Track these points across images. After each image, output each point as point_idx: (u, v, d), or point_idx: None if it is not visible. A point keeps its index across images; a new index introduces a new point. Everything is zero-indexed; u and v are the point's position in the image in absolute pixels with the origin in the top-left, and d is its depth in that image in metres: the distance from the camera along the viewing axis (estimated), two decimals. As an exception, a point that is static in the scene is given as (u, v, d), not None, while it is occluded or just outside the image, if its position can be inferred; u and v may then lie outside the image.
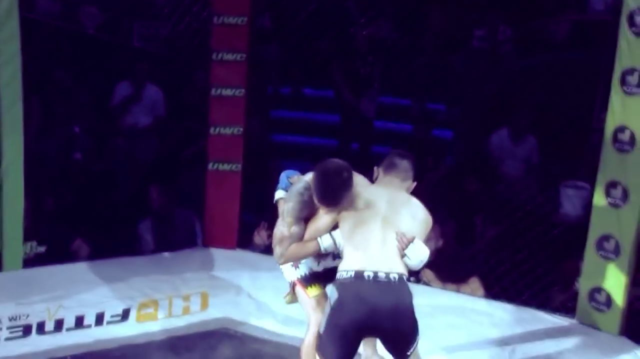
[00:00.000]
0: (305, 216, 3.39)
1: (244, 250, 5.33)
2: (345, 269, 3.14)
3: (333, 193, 3.25)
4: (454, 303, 4.76)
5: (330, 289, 3.19)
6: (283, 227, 3.41)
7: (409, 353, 3.14)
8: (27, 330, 4.17)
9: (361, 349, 3.50)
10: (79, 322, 4.30)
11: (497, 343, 4.29)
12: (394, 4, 6.43)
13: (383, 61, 6.39)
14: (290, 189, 3.46)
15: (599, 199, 4.47)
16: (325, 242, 3.33)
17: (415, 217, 3.27)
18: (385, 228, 3.19)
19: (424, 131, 6.54)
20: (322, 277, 3.54)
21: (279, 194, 3.56)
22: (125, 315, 4.41)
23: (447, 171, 6.15)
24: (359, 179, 3.41)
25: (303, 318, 3.58)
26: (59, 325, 4.24)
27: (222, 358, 4.04)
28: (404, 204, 3.29)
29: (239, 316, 4.46)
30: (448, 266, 4.94)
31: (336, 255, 3.43)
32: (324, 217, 3.35)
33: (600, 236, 4.48)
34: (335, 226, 3.33)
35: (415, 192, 3.45)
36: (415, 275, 4.89)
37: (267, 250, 4.74)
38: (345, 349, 3.14)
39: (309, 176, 3.40)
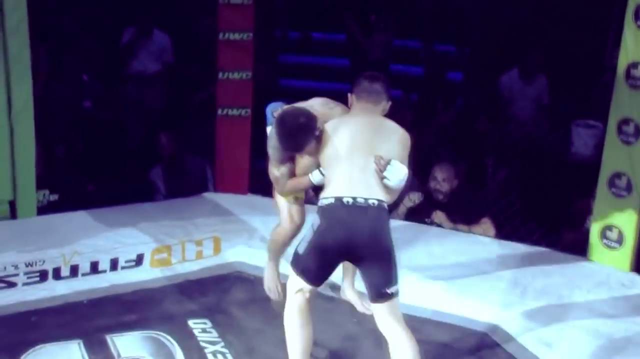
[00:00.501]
0: (289, 155, 3.46)
1: (255, 195, 5.31)
2: (326, 196, 3.19)
3: (291, 139, 3.28)
4: (466, 244, 4.74)
5: (314, 216, 3.22)
6: (272, 168, 3.53)
7: (387, 291, 3.11)
8: (43, 276, 4.18)
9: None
10: (94, 267, 4.31)
11: (509, 282, 4.28)
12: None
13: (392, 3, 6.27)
14: (269, 132, 3.49)
15: (611, 136, 4.41)
16: (315, 177, 3.43)
17: (391, 139, 3.28)
18: (363, 155, 3.21)
19: (435, 73, 6.46)
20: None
21: (268, 130, 3.56)
22: (139, 260, 4.41)
23: (457, 113, 6.08)
24: (337, 110, 3.46)
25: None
26: (74, 271, 4.25)
27: (235, 301, 4.05)
28: (379, 129, 3.30)
29: (251, 259, 4.45)
30: (459, 206, 4.92)
31: None
32: (304, 158, 3.45)
33: (612, 174, 4.43)
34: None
35: (426, 134, 3.41)
36: (427, 216, 4.89)
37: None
38: (324, 269, 3.21)
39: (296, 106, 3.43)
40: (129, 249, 4.50)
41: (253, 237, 4.72)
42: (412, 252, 4.50)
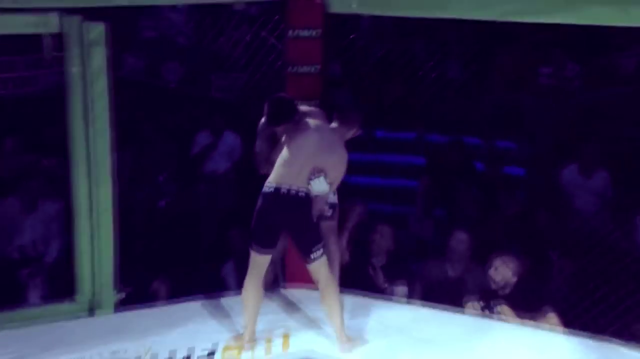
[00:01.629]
0: (270, 135, 4.50)
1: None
2: (270, 182, 4.27)
3: (275, 108, 4.33)
4: (533, 339, 4.58)
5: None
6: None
7: (312, 256, 4.27)
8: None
9: None
10: (169, 364, 4.31)
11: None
12: (461, 46, 6.35)
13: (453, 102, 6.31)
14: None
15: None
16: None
17: (335, 158, 4.29)
18: (310, 157, 4.23)
19: (495, 168, 6.41)
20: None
21: None
22: (210, 356, 4.39)
23: (520, 207, 5.99)
24: (313, 111, 4.49)
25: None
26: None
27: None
28: (331, 144, 4.32)
29: (321, 356, 4.38)
30: (525, 301, 4.78)
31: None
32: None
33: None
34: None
35: (489, 229, 3.39)
36: (490, 310, 4.76)
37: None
38: (270, 238, 4.32)
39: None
40: (201, 345, 4.48)
41: (322, 333, 4.64)
42: (480, 349, 4.37)
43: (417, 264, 5.47)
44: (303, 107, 4.52)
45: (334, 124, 4.54)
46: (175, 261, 5.54)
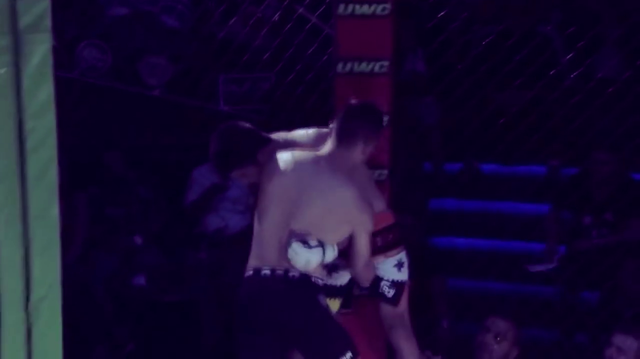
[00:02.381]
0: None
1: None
2: (249, 263, 4.26)
3: (223, 151, 4.40)
4: None
5: None
6: None
7: None
8: None
9: None
10: None
11: None
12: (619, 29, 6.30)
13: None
14: None
15: None
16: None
17: (330, 207, 4.14)
18: (288, 217, 4.15)
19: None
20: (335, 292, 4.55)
21: None
22: None
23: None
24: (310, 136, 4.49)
25: None
26: None
27: None
28: (323, 190, 4.17)
29: None
30: None
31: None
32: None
33: None
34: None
35: None
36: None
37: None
38: (259, 351, 4.20)
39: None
40: None
41: None
42: None
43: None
44: (292, 134, 4.54)
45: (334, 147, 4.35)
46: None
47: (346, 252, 4.38)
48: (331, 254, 4.17)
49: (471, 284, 6.66)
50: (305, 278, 4.14)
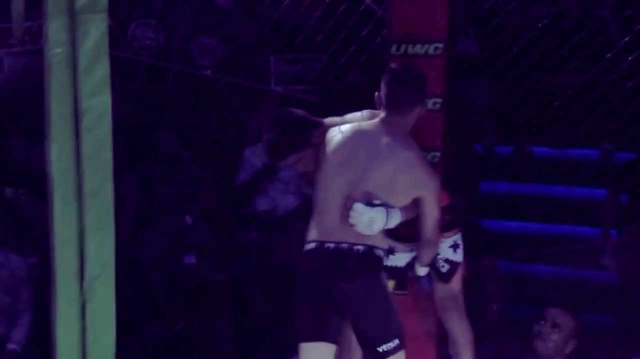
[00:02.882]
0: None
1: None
2: (309, 238, 4.26)
3: (275, 138, 4.39)
4: None
5: None
6: None
7: (380, 349, 4.17)
8: None
9: None
10: None
11: None
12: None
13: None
14: None
15: None
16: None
17: (396, 169, 4.17)
18: (352, 185, 4.18)
19: None
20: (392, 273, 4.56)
21: None
22: None
23: None
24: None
25: None
26: None
27: None
28: (387, 155, 4.20)
29: None
30: None
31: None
32: None
33: None
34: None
35: None
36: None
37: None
38: (318, 321, 4.21)
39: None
40: None
41: None
42: None
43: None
44: (346, 117, 4.51)
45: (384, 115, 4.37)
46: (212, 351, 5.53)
47: (406, 236, 4.45)
48: (396, 218, 4.18)
49: (522, 267, 6.65)
50: (369, 251, 4.17)
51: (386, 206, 4.16)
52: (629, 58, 6.12)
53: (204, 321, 5.96)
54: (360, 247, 4.15)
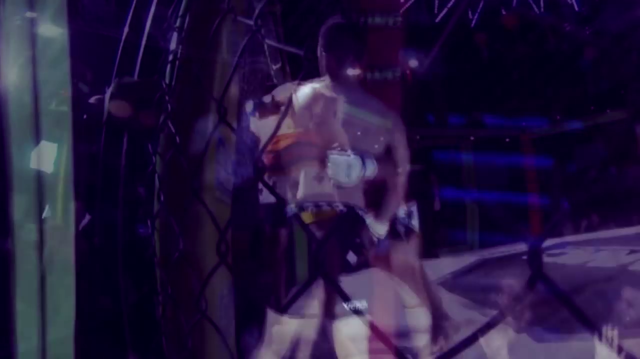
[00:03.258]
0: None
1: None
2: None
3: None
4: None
5: None
6: None
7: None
8: None
9: None
10: None
11: None
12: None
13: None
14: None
15: None
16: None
17: (364, 119, 4.26)
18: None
19: None
20: None
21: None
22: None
23: None
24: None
25: None
26: None
27: None
28: (352, 106, 4.29)
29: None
30: None
31: None
32: None
33: None
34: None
35: None
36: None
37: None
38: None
39: None
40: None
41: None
42: None
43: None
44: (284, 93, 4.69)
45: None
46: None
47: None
48: (371, 167, 4.24)
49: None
50: (350, 210, 4.24)
51: (359, 154, 4.21)
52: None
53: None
54: (341, 206, 4.24)
